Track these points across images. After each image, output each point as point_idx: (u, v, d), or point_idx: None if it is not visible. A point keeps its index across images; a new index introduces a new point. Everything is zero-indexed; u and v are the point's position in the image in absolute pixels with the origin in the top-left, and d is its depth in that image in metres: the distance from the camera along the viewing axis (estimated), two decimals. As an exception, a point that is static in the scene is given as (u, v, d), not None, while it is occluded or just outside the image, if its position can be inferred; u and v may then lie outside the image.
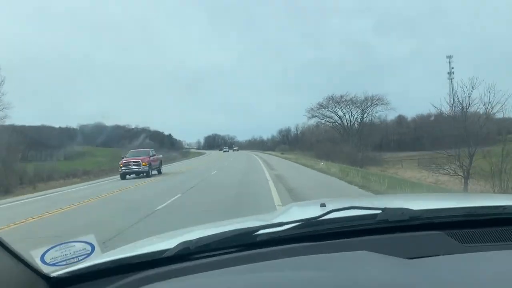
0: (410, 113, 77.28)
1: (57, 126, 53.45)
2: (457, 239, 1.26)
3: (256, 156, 56.95)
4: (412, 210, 1.36)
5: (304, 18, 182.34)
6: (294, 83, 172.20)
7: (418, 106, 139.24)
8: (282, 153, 68.10)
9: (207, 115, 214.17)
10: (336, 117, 63.33)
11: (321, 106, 63.05)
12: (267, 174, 21.50)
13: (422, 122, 65.12)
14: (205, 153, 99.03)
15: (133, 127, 76.25)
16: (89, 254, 1.25)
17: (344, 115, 62.65)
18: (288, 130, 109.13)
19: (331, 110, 63.05)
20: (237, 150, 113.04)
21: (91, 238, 1.27)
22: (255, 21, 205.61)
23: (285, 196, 11.95)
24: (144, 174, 24.74)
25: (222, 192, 13.71)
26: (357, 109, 61.67)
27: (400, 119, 71.19)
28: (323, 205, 1.68)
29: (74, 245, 1.24)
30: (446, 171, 22.28)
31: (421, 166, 38.92)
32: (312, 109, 63.56)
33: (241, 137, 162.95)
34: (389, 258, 1.13)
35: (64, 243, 1.23)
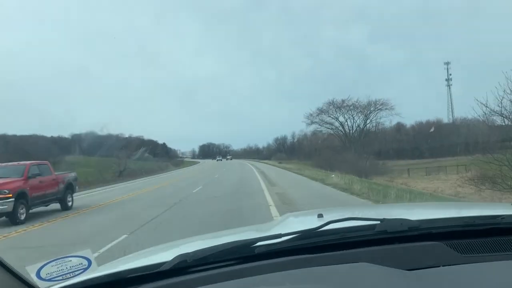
0: (407, 121, 77.30)
1: (49, 135, 53.11)
2: (456, 249, 1.29)
3: (252, 166, 51.89)
4: (411, 220, 1.39)
5: (299, 27, 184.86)
6: (289, 91, 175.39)
7: (415, 113, 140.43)
8: (279, 163, 66.47)
9: (202, 124, 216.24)
10: (337, 123, 61.79)
11: (321, 111, 61.38)
12: (268, 195, 15.93)
13: (421, 129, 65.19)
14: (198, 162, 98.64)
15: (126, 136, 76.46)
16: (85, 269, 1.26)
17: (346, 121, 60.91)
18: (284, 138, 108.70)
19: (332, 116, 61.39)
20: (231, 159, 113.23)
21: (87, 253, 1.29)
22: (250, 30, 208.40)
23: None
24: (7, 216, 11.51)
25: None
26: (360, 114, 60.32)
27: (399, 126, 71.28)
28: (320, 215, 1.71)
29: (71, 260, 1.25)
30: (499, 186, 17.55)
31: (431, 175, 37.59)
32: (311, 114, 61.97)
33: (237, 146, 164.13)
34: (389, 270, 1.15)
35: (60, 258, 1.24)
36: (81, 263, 1.26)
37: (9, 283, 1.11)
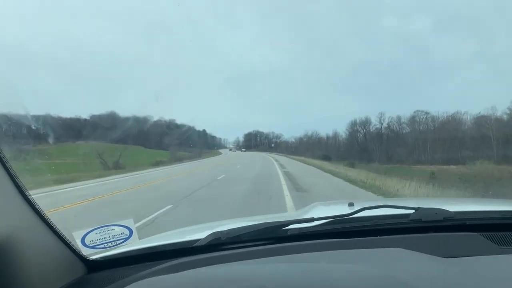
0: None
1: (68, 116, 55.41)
2: (493, 241, 1.55)
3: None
4: (447, 210, 1.67)
5: (358, 17, 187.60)
6: (347, 83, 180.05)
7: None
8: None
9: (253, 113, 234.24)
10: None
11: None
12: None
13: None
14: (220, 153, 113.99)
15: (155, 119, 78.43)
16: (127, 239, 1.67)
17: None
18: (365, 123, 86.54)
19: None
20: (244, 151, 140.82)
21: (130, 223, 1.70)
22: (307, 20, 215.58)
23: None
24: None
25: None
26: None
27: None
28: (351, 204, 2.03)
29: (114, 229, 1.67)
30: None
31: None
32: None
33: (289, 134, 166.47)
34: (426, 256, 1.40)
35: (104, 226, 1.66)
36: (123, 233, 1.67)
37: (56, 247, 1.48)
